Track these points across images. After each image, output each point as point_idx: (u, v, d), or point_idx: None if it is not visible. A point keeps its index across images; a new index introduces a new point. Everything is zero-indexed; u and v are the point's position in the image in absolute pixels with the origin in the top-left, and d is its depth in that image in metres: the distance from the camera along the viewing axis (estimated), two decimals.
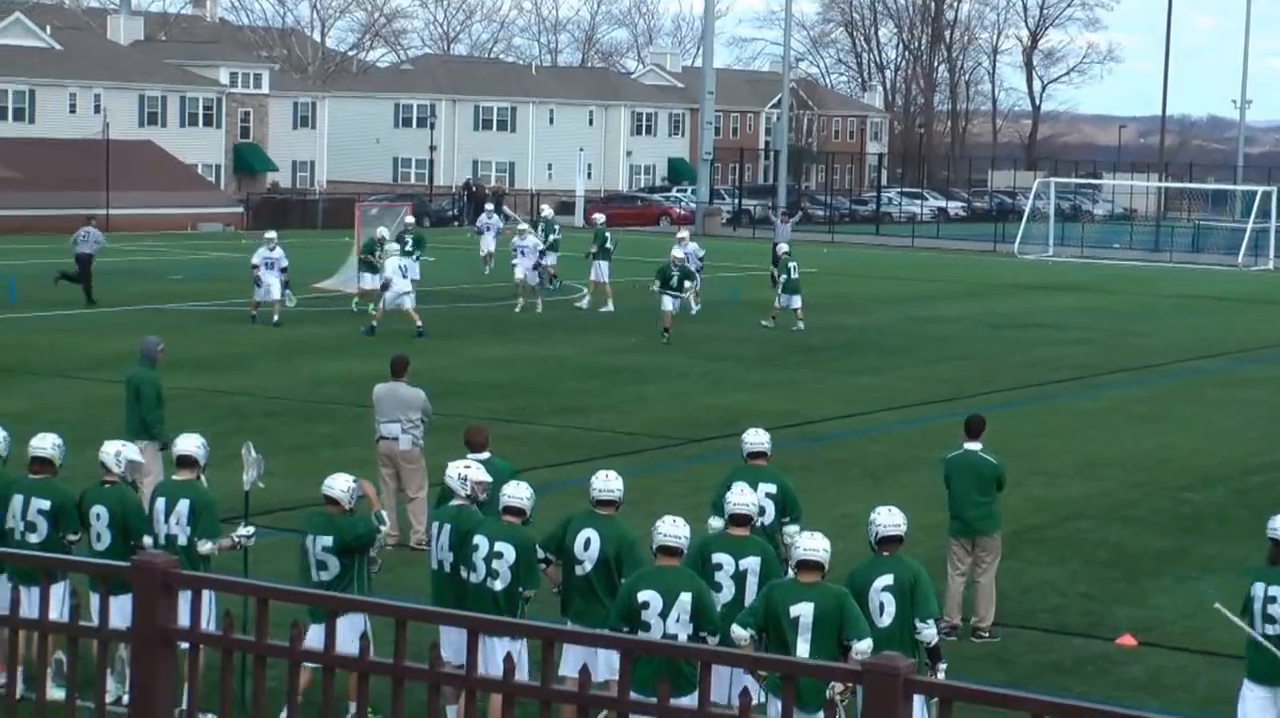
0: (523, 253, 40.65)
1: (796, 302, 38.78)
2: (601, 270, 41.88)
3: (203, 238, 68.51)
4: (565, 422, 25.79)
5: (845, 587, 10.79)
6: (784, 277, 39.14)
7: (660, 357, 33.73)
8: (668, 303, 36.08)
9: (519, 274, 40.50)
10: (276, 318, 36.08)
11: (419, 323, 35.00)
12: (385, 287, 35.45)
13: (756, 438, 13.90)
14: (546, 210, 47.61)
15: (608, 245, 42.18)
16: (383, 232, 39.15)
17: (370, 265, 37.68)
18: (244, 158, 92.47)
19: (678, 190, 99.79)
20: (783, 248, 41.11)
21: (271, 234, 37.42)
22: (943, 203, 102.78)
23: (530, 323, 38.65)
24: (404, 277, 35.76)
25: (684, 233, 43.23)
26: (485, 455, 13.89)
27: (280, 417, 25.63)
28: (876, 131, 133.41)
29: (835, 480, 21.73)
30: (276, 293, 36.26)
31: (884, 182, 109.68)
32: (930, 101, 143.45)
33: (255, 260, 36.71)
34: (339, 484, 12.13)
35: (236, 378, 29.11)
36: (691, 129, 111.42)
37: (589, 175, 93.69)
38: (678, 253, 37.02)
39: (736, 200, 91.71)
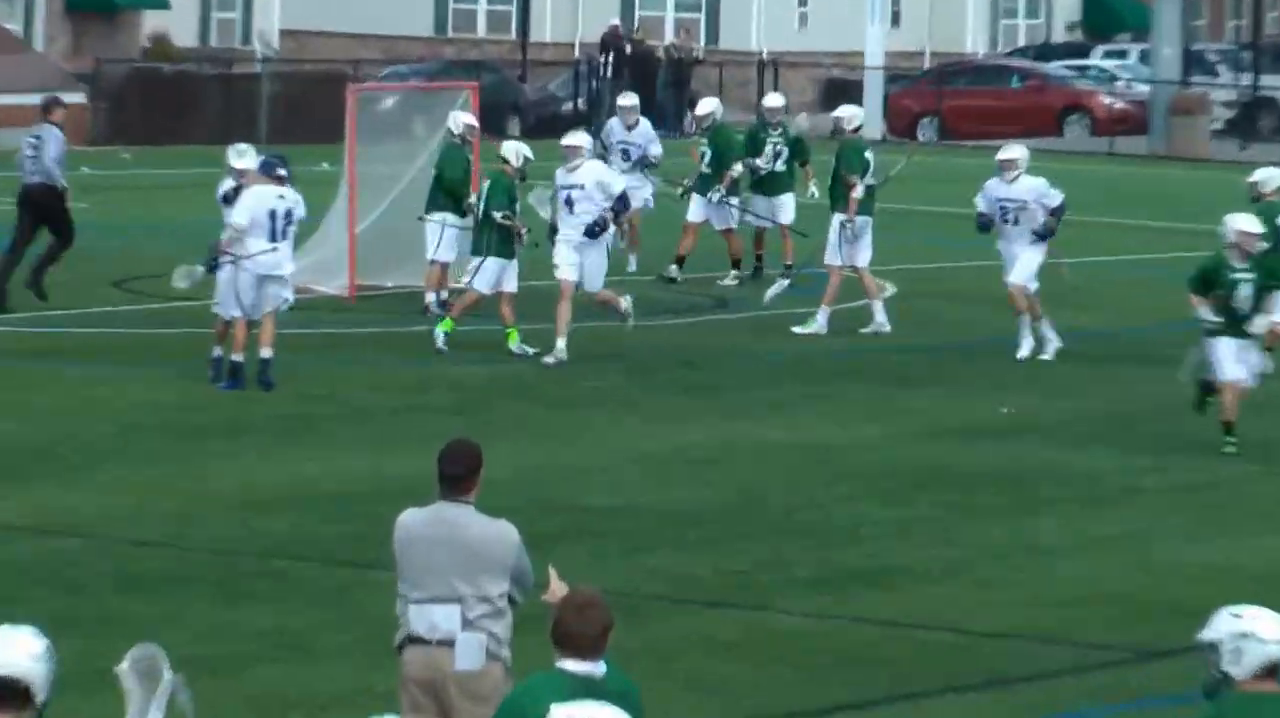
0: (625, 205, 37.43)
1: None
2: (859, 246, 34.81)
3: None
4: (839, 604, 20.91)
5: None
6: (1273, 243, 33.26)
7: (1069, 451, 27.84)
8: (1232, 355, 28.55)
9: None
10: (268, 352, 29.01)
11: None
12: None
13: (1259, 625, 11.52)
14: (706, 106, 41.02)
15: (869, 180, 35.72)
16: (526, 155, 33.57)
17: (508, 230, 33.78)
18: None
19: (1107, 54, 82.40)
20: (1262, 177, 35.17)
21: (273, 163, 30.74)
22: None
23: (733, 359, 32.61)
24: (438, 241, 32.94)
25: (1013, 152, 35.99)
26: (599, 669, 11.60)
27: (158, 587, 21.02)
28: None
29: None
30: (280, 293, 29.64)
31: None
32: None
33: (239, 216, 29.62)
34: None
35: (57, 491, 24.34)
36: None
37: (893, 22, 78.29)
38: (1246, 226, 29.48)
39: (1246, 79, 73.13)
